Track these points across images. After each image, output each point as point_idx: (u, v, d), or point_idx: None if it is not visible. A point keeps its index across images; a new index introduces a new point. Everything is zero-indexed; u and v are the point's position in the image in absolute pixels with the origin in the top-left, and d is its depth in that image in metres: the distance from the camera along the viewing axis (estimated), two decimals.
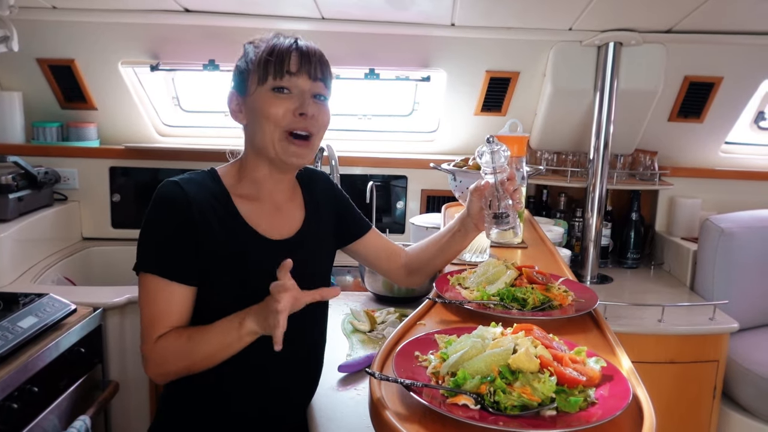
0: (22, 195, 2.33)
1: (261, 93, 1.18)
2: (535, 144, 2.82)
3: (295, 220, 1.30)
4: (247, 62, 1.22)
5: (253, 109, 1.19)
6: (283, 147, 1.19)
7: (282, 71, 1.17)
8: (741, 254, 2.37)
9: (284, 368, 1.24)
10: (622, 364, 0.90)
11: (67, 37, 2.49)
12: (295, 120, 1.18)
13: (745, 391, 2.19)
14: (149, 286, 1.14)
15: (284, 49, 1.18)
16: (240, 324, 1.09)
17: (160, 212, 1.15)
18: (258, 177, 1.25)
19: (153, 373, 1.15)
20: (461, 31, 2.44)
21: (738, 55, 2.47)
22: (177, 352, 1.12)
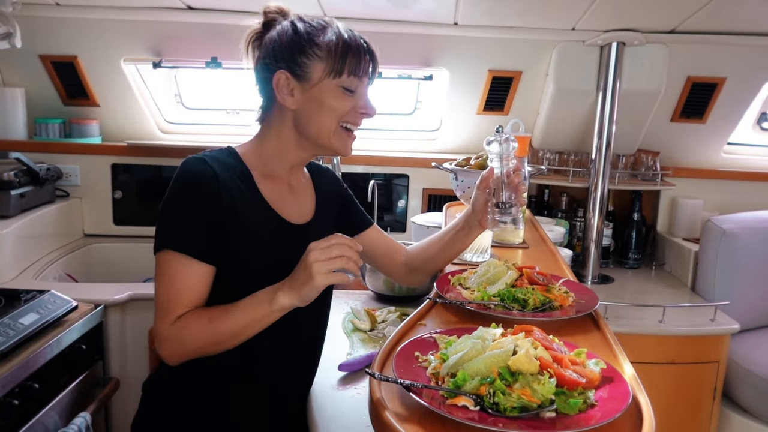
0: (24, 191, 2.33)
1: (330, 86, 1.17)
2: (537, 144, 2.82)
3: (308, 205, 1.33)
4: (306, 43, 1.17)
5: (315, 99, 1.18)
6: (341, 139, 1.22)
7: (358, 72, 1.18)
8: (742, 255, 2.37)
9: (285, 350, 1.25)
10: (622, 366, 0.90)
11: (69, 33, 2.49)
12: (355, 116, 1.22)
13: (746, 392, 2.19)
14: (169, 263, 1.11)
15: (360, 47, 1.19)
16: (271, 299, 1.07)
17: (186, 188, 1.13)
18: (289, 159, 1.26)
19: (169, 352, 1.12)
20: (464, 30, 2.44)
21: (741, 56, 2.47)
22: (198, 332, 1.09)
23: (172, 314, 1.10)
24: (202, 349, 1.12)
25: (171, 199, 1.14)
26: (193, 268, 1.11)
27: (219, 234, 1.13)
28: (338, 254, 1.05)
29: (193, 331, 1.10)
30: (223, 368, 1.20)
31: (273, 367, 1.25)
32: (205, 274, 1.13)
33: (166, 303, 1.11)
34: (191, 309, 1.11)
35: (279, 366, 1.26)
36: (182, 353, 1.12)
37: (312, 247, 1.05)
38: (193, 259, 1.11)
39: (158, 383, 1.29)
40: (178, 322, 1.10)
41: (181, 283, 1.11)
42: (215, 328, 1.09)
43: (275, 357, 1.24)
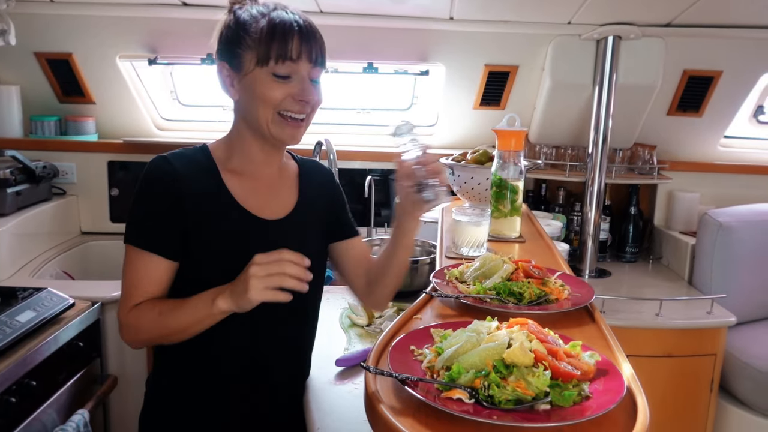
0: (20, 189, 2.33)
1: (260, 75, 1.14)
2: (534, 138, 2.82)
3: (287, 202, 1.29)
4: (240, 33, 1.15)
5: (248, 89, 1.16)
6: (279, 128, 1.17)
7: (285, 56, 1.13)
8: (739, 248, 2.37)
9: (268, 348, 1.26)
10: (617, 358, 0.91)
11: (64, 30, 2.48)
12: (293, 103, 1.16)
13: (743, 384, 2.19)
14: (130, 256, 1.16)
15: (286, 30, 1.13)
16: (212, 301, 1.08)
17: (146, 186, 1.17)
18: (249, 152, 1.23)
19: (127, 338, 1.17)
20: (460, 24, 2.44)
21: (737, 48, 2.47)
22: (149, 323, 1.13)
23: (130, 302, 1.15)
24: (155, 339, 1.18)
25: (134, 196, 1.18)
26: (150, 261, 1.14)
27: (180, 231, 1.15)
28: (277, 271, 1.04)
29: (145, 321, 1.14)
30: (214, 364, 1.22)
31: (259, 365, 1.24)
32: (163, 267, 1.16)
33: (126, 291, 1.16)
34: (147, 300, 1.15)
35: (266, 364, 1.25)
36: (139, 340, 1.18)
37: (254, 261, 1.04)
38: (150, 254, 1.14)
39: (157, 380, 1.29)
40: (133, 311, 1.14)
41: (138, 274, 1.15)
42: (162, 322, 1.12)
43: (260, 354, 1.24)
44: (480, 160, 1.93)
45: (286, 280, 1.04)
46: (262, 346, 1.24)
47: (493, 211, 1.65)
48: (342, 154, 2.67)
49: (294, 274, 1.04)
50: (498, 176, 1.63)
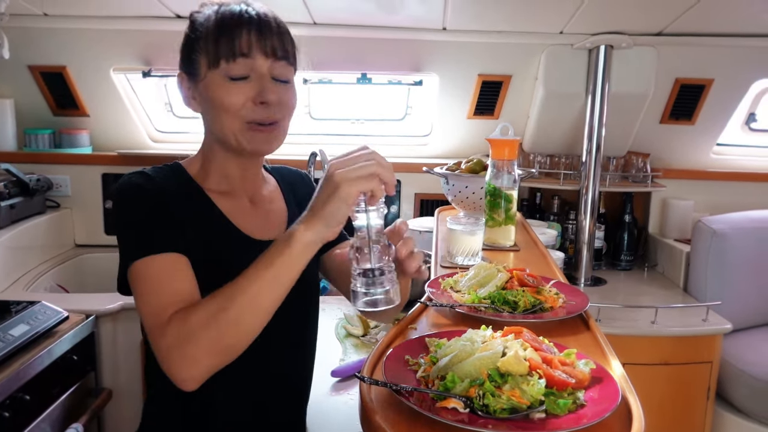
0: (14, 202, 2.32)
1: (213, 79, 1.02)
2: (528, 147, 2.83)
3: (277, 219, 1.19)
4: (192, 37, 1.05)
5: (206, 98, 1.04)
6: (250, 139, 1.04)
7: (233, 53, 1.00)
8: (733, 255, 2.38)
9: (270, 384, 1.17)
10: (612, 366, 0.91)
11: (58, 43, 2.49)
12: (255, 109, 1.02)
13: (739, 391, 2.19)
14: (140, 275, 0.95)
15: (233, 23, 1.01)
16: (287, 238, 0.88)
17: (128, 199, 1.01)
18: (225, 168, 1.11)
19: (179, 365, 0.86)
20: (453, 35, 2.45)
21: (728, 57, 2.49)
22: (203, 314, 0.87)
23: (165, 315, 0.90)
24: (216, 340, 0.87)
25: (116, 216, 1.01)
26: (166, 262, 0.95)
27: (179, 224, 1.00)
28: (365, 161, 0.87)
29: (197, 317, 0.87)
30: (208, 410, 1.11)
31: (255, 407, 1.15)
32: (183, 263, 0.97)
33: (154, 314, 0.91)
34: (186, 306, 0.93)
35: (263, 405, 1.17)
36: (191, 360, 0.86)
37: (332, 163, 0.88)
38: (163, 254, 0.95)
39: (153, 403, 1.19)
40: (174, 319, 0.89)
41: (160, 284, 0.94)
42: (220, 307, 0.87)
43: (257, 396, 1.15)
44: (474, 170, 1.93)
45: (381, 168, 0.87)
46: (259, 388, 1.14)
47: (488, 220, 1.65)
48: None
49: (381, 162, 0.88)
50: (492, 185, 1.64)
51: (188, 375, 0.87)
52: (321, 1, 2.20)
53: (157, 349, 0.89)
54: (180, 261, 0.97)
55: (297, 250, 0.88)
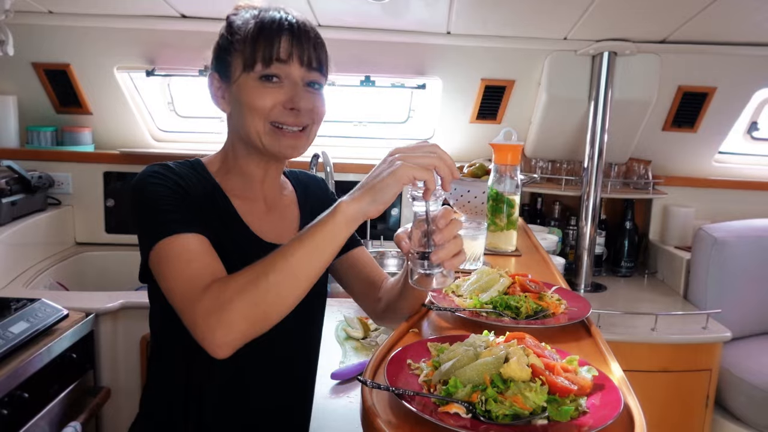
0: (16, 199, 2.32)
1: (247, 81, 1.04)
2: (530, 152, 2.83)
3: (290, 222, 1.20)
4: (229, 39, 1.07)
5: (237, 99, 1.06)
6: (273, 139, 1.06)
7: (270, 58, 1.02)
8: (734, 263, 2.39)
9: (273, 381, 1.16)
10: (614, 372, 0.90)
11: (62, 41, 2.49)
12: (285, 113, 1.05)
13: (738, 400, 2.19)
14: (166, 254, 0.94)
15: (273, 29, 1.03)
16: (334, 211, 0.89)
17: (152, 184, 1.01)
18: (247, 170, 1.13)
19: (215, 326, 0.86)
20: (457, 39, 2.45)
21: (731, 65, 2.49)
22: (242, 279, 0.88)
23: (199, 287, 0.90)
24: (254, 305, 0.87)
25: (137, 200, 1.02)
26: (193, 241, 0.96)
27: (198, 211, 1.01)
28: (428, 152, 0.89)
29: (236, 283, 0.88)
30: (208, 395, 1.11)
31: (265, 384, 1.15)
32: (207, 243, 0.97)
33: (188, 284, 0.91)
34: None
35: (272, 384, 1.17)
36: (229, 324, 0.86)
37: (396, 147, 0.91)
38: (187, 234, 0.96)
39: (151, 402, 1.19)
40: (213, 286, 0.89)
41: (189, 258, 0.94)
42: (263, 268, 0.88)
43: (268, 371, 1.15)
44: (476, 174, 1.94)
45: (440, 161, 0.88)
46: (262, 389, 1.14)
47: (490, 224, 1.66)
48: (338, 167, 2.67)
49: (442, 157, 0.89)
50: (494, 190, 1.64)
51: (223, 340, 0.87)
52: (326, 4, 2.21)
53: (192, 315, 0.89)
54: (206, 242, 0.98)
55: (340, 222, 0.89)
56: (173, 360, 1.12)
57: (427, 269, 0.94)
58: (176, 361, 1.11)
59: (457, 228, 0.95)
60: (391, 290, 1.17)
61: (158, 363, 1.16)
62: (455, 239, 0.95)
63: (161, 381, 1.16)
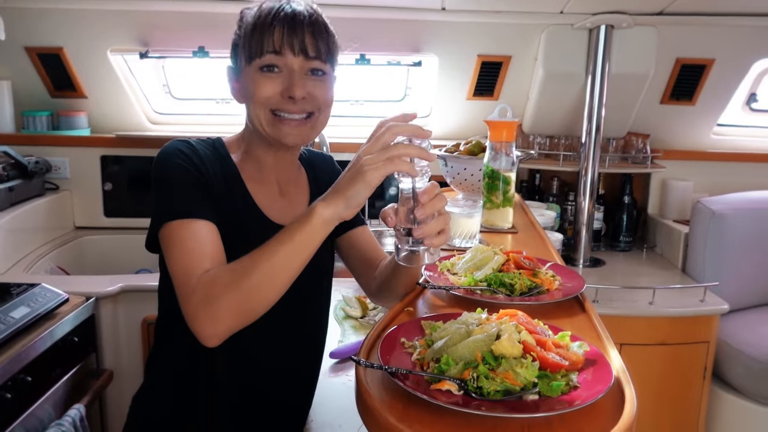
0: (13, 185, 2.32)
1: (249, 73, 1.09)
2: (528, 128, 2.82)
3: (301, 205, 1.22)
4: (238, 34, 1.12)
5: (244, 90, 1.11)
6: (274, 128, 1.09)
7: (262, 49, 1.06)
8: (732, 236, 2.39)
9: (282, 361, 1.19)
10: (606, 348, 0.91)
11: (55, 24, 2.47)
12: (283, 102, 1.07)
13: (735, 371, 2.21)
14: (172, 236, 1.00)
15: (268, 21, 1.06)
16: (309, 213, 0.92)
17: (171, 160, 1.05)
18: (259, 156, 1.17)
19: (203, 321, 0.92)
20: (452, 15, 2.43)
21: (729, 36, 2.47)
22: (228, 278, 0.93)
23: (195, 273, 0.96)
24: (239, 303, 0.92)
25: (155, 180, 1.06)
26: (199, 228, 1.00)
27: (214, 197, 1.05)
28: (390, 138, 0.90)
29: (222, 281, 0.93)
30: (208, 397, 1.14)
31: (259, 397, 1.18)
32: (212, 231, 1.02)
33: (184, 272, 0.97)
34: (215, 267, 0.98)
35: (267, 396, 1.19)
36: (216, 319, 0.92)
37: (362, 148, 0.92)
38: (197, 220, 1.00)
39: (144, 398, 1.24)
40: (203, 279, 0.95)
41: (192, 245, 0.99)
42: (243, 271, 0.92)
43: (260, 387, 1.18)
44: (473, 151, 1.93)
45: (406, 147, 0.89)
46: (264, 378, 1.18)
47: (486, 202, 1.66)
48: (335, 146, 2.67)
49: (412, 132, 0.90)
50: (490, 167, 1.64)
51: (212, 332, 0.93)
52: None
53: (186, 305, 0.95)
54: (211, 228, 1.02)
55: (316, 225, 0.92)
56: (181, 324, 1.14)
57: (412, 246, 0.95)
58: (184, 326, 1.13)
59: (440, 204, 0.94)
60: (385, 269, 1.18)
61: (166, 329, 1.19)
62: (440, 216, 0.95)
63: (168, 348, 1.18)
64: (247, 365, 1.16)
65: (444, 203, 0.95)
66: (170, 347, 1.18)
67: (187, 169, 1.05)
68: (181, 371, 1.16)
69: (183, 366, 1.16)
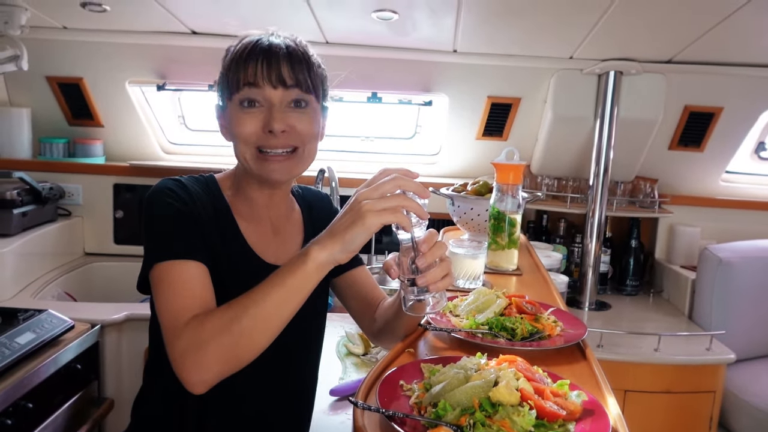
0: (26, 210, 2.36)
1: (231, 110, 1.07)
2: (536, 169, 2.84)
3: (294, 245, 1.21)
4: (222, 71, 1.11)
5: (229, 127, 1.09)
6: (259, 164, 1.07)
7: (239, 83, 1.04)
8: (739, 284, 2.37)
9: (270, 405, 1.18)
10: (605, 397, 0.91)
11: (76, 56, 2.54)
12: (265, 137, 1.05)
13: (742, 422, 2.17)
14: (162, 277, 0.98)
15: (245, 55, 1.04)
16: (303, 257, 0.90)
17: (161, 200, 1.03)
18: (251, 195, 1.15)
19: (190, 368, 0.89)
20: (463, 57, 2.48)
21: (738, 86, 2.49)
22: (217, 324, 0.90)
23: (184, 317, 0.93)
24: (227, 348, 0.90)
25: (146, 219, 1.04)
26: (191, 268, 0.98)
27: (204, 237, 1.04)
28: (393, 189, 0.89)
29: (212, 324, 0.90)
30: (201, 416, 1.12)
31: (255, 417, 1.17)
32: (205, 274, 1.00)
33: (172, 315, 0.94)
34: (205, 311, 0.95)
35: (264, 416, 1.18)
36: (203, 365, 0.89)
37: (360, 194, 0.90)
38: (188, 261, 0.99)
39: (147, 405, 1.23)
40: (191, 323, 0.92)
41: (182, 288, 0.97)
42: (233, 315, 0.90)
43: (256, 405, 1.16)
44: (480, 192, 1.95)
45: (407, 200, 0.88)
46: (259, 396, 1.16)
47: (491, 243, 1.66)
48: (344, 182, 2.69)
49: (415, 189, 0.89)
50: (496, 209, 1.65)
51: (199, 379, 0.90)
52: (334, 22, 2.24)
53: (172, 350, 0.92)
54: (202, 270, 1.00)
55: (310, 269, 0.90)
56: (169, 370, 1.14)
57: (418, 295, 0.95)
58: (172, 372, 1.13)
59: (440, 251, 0.94)
60: (387, 311, 1.17)
61: (154, 373, 1.18)
62: (442, 263, 0.95)
63: (156, 391, 1.18)
64: (235, 408, 1.13)
65: (444, 250, 0.96)
66: (158, 389, 1.16)
67: (178, 208, 1.03)
68: (167, 414, 1.15)
69: (169, 409, 1.14)
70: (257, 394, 1.15)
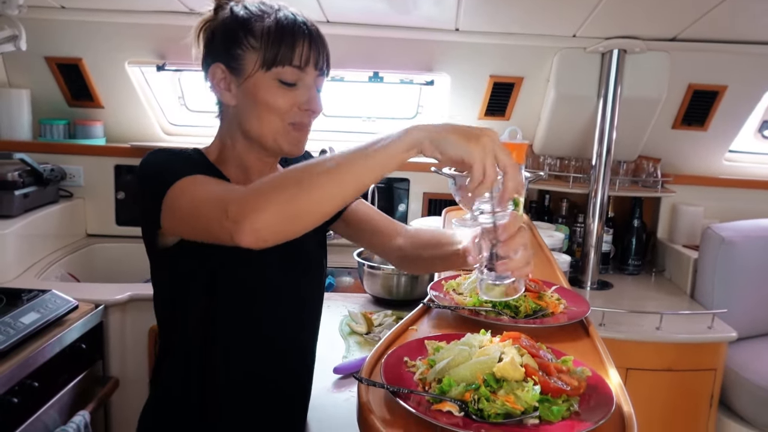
0: (28, 192, 2.36)
1: (264, 80, 1.06)
2: (539, 149, 2.83)
3: None
4: (240, 32, 1.06)
5: (250, 94, 1.07)
6: (288, 139, 1.09)
7: (293, 61, 1.05)
8: (741, 263, 2.37)
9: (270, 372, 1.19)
10: (609, 373, 0.91)
11: (75, 36, 2.52)
12: (300, 114, 1.08)
13: (742, 399, 2.19)
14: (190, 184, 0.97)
15: (295, 33, 1.05)
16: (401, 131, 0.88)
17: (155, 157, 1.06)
18: (246, 162, 1.15)
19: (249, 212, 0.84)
20: (465, 36, 2.45)
21: (743, 64, 2.47)
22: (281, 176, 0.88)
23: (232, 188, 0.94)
24: (287, 201, 0.84)
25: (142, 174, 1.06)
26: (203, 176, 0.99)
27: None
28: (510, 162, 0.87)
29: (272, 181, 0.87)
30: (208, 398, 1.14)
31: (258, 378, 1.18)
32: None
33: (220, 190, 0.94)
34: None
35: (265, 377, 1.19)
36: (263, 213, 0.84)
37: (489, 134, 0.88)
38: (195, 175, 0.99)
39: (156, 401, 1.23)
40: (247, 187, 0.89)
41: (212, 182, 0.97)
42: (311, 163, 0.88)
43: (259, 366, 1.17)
44: None
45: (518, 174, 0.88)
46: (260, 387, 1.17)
47: None
48: None
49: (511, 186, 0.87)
50: None
51: (254, 226, 0.84)
52: (335, 0, 2.21)
53: (227, 204, 0.87)
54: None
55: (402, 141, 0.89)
56: (174, 347, 1.16)
57: (496, 280, 0.94)
58: (177, 349, 1.16)
59: (522, 239, 0.93)
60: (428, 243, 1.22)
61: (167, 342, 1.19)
62: (524, 251, 0.93)
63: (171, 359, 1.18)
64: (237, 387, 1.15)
65: (525, 239, 0.94)
66: (173, 359, 1.18)
67: (172, 155, 1.07)
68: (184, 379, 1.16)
69: (185, 374, 1.16)
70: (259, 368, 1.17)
